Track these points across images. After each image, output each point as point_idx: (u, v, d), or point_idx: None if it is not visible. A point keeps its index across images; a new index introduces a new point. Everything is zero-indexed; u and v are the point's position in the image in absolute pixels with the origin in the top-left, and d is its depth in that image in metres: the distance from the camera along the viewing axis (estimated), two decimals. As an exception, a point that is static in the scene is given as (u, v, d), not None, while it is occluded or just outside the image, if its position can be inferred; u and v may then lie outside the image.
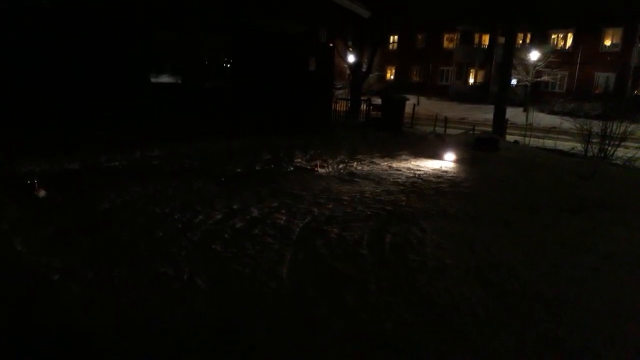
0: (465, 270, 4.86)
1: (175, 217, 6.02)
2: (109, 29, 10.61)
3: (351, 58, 25.83)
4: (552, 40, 38.77)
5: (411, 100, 23.02)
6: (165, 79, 12.42)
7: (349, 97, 23.66)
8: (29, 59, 9.51)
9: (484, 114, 32.35)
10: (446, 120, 17.99)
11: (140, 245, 5.06)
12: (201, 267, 4.59)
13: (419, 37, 46.50)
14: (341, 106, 19.36)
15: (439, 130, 16.41)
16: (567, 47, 38.13)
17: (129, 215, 6.01)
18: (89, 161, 8.94)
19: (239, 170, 9.18)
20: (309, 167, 9.78)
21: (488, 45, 41.51)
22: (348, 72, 31.02)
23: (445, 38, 45.11)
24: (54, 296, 3.90)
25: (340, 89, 34.28)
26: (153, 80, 11.79)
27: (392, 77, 49.00)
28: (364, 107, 18.66)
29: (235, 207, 6.53)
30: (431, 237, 5.72)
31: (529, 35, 39.26)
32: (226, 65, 14.02)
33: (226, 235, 5.45)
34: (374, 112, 17.29)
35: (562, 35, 38.62)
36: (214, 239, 5.33)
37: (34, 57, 9.54)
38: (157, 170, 8.87)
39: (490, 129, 20.80)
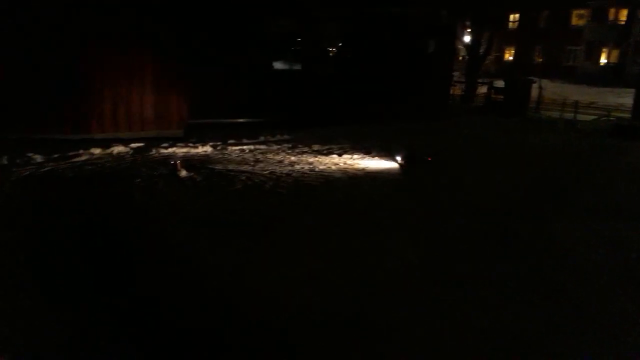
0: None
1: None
2: (232, 19, 11.08)
3: (467, 38, 24.57)
4: None
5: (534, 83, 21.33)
6: (283, 66, 12.74)
7: (464, 80, 22.58)
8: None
9: (617, 97, 29.04)
10: (576, 104, 16.36)
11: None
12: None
13: (543, 14, 42.85)
14: (456, 89, 18.53)
15: (568, 115, 15.01)
16: None
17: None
18: (220, 146, 9.47)
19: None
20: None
21: (626, 22, 37.07)
22: (463, 53, 29.59)
23: (573, 14, 41.08)
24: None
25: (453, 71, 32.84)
26: (275, 67, 12.18)
27: (510, 58, 45.91)
28: (481, 90, 17.65)
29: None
30: None
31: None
32: (344, 52, 14.01)
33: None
34: (494, 96, 16.30)
35: None
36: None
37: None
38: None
39: (626, 115, 18.63)
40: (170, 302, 3.64)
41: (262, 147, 9.50)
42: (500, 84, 16.65)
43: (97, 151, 8.45)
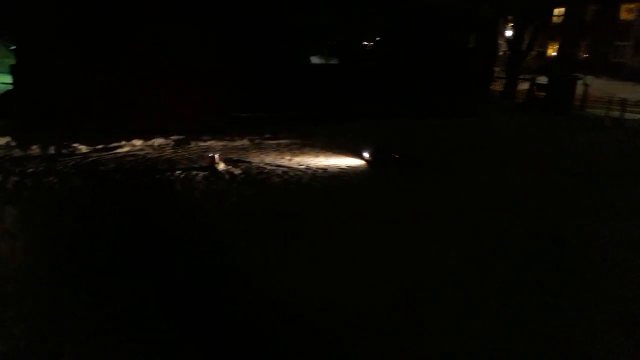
0: None
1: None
2: (271, 15, 11.12)
3: (509, 33, 23.89)
4: None
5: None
6: (320, 60, 12.73)
7: (504, 76, 22.00)
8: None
9: (668, 95, 27.71)
10: (624, 102, 15.69)
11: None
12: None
13: (590, 7, 41.20)
14: (496, 85, 18.09)
15: (614, 114, 14.40)
16: None
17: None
18: (257, 139, 9.54)
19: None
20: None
21: (680, 15, 35.23)
22: (504, 48, 28.76)
23: (622, 8, 39.34)
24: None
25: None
26: (313, 62, 12.19)
27: (554, 53, 44.41)
28: (522, 86, 17.14)
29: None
30: None
31: None
32: (382, 47, 13.87)
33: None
34: (537, 93, 15.83)
35: None
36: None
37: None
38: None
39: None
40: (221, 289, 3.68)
41: (298, 141, 9.51)
42: (543, 80, 16.16)
43: (138, 143, 8.64)
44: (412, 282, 3.94)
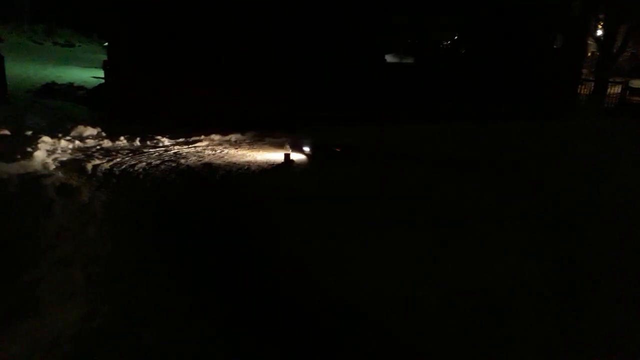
0: None
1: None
2: (345, 14, 11.09)
3: (599, 32, 22.34)
4: None
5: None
6: (395, 59, 12.54)
7: (592, 78, 20.58)
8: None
9: None
10: None
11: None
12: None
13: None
14: (584, 88, 16.94)
15: None
16: None
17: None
18: (333, 139, 9.56)
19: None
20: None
21: None
22: (593, 49, 26.95)
23: None
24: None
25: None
26: (388, 60, 12.03)
27: (648, 55, 41.02)
28: (613, 90, 15.93)
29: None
30: None
31: None
32: (461, 46, 13.44)
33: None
34: (630, 97, 14.67)
35: None
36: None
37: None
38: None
39: None
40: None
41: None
42: (637, 84, 14.95)
43: (216, 137, 8.96)
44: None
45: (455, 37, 13.83)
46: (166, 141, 8.39)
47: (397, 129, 10.34)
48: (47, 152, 6.68)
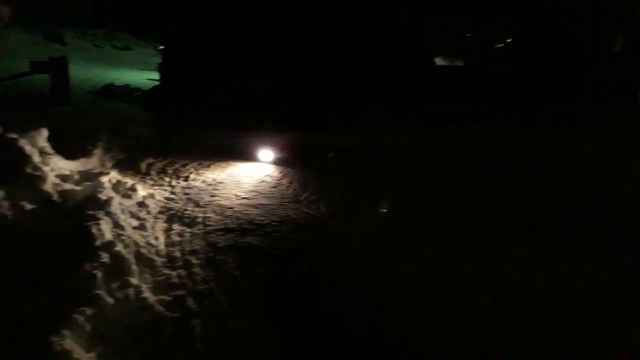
0: None
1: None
2: (394, 13, 11.02)
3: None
4: None
5: None
6: (443, 61, 12.34)
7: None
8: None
9: None
10: None
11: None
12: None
13: None
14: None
15: None
16: None
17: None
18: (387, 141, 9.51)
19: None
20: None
21: None
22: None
23: None
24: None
25: None
26: (438, 63, 11.87)
27: None
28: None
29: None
30: None
31: None
32: (515, 48, 13.07)
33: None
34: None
35: None
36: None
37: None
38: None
39: None
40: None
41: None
42: None
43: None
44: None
45: (509, 40, 13.47)
46: (218, 139, 8.61)
47: (446, 131, 10.15)
48: (104, 150, 7.02)
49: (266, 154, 7.47)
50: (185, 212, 5.15)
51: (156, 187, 5.84)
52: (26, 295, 3.17)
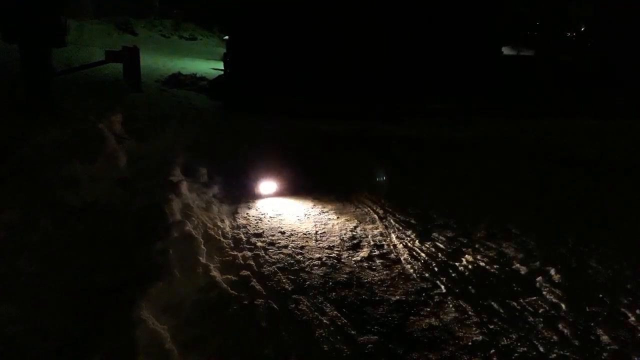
0: None
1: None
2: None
3: None
4: None
5: None
6: (511, 51, 11.88)
7: None
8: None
9: None
10: None
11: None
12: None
13: None
14: None
15: None
16: None
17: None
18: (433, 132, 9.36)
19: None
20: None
21: None
22: None
23: None
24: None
25: None
26: (505, 52, 11.43)
27: None
28: None
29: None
30: None
31: None
32: (585, 38, 12.39)
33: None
34: None
35: None
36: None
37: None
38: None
39: None
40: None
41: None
42: None
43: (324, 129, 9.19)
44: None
45: (582, 29, 12.76)
46: (279, 128, 8.77)
47: (515, 124, 9.78)
48: (174, 134, 7.32)
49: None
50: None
51: (222, 168, 6.02)
52: (106, 270, 3.37)
